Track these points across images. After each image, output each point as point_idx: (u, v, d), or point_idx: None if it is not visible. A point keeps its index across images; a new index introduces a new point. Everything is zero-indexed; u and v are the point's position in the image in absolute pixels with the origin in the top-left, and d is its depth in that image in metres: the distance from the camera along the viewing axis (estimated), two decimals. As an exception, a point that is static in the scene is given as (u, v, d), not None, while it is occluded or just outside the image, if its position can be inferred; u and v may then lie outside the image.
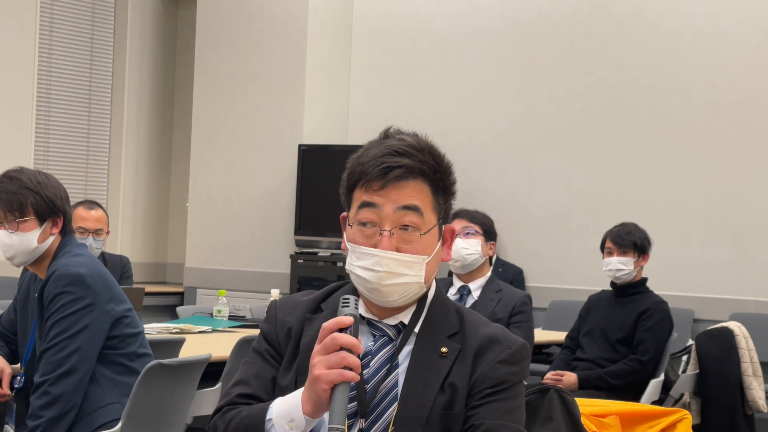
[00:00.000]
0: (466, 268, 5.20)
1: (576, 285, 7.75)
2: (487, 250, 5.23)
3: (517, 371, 2.08)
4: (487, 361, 2.07)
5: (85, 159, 9.24)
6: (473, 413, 2.04)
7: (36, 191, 3.51)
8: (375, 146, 2.13)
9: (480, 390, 2.05)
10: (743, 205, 7.37)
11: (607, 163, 7.86)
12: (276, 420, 1.99)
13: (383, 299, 2.10)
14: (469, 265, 5.18)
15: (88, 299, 3.44)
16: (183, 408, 3.89)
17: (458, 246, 5.14)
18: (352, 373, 1.91)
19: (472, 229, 5.18)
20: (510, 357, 2.08)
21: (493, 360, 2.07)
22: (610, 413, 2.89)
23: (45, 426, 3.34)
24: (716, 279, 7.42)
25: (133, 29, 9.41)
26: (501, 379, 2.06)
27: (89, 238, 5.88)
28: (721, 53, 7.49)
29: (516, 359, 2.09)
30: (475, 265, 5.19)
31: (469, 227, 5.17)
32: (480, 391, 2.05)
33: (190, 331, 5.42)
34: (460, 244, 5.14)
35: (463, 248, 5.13)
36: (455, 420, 2.04)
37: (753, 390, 5.83)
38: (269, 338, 2.17)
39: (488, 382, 2.05)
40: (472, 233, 5.17)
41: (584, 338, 5.91)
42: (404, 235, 2.09)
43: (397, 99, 8.69)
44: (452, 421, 2.04)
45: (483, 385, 2.05)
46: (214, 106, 9.03)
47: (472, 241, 5.16)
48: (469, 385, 2.06)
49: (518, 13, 8.26)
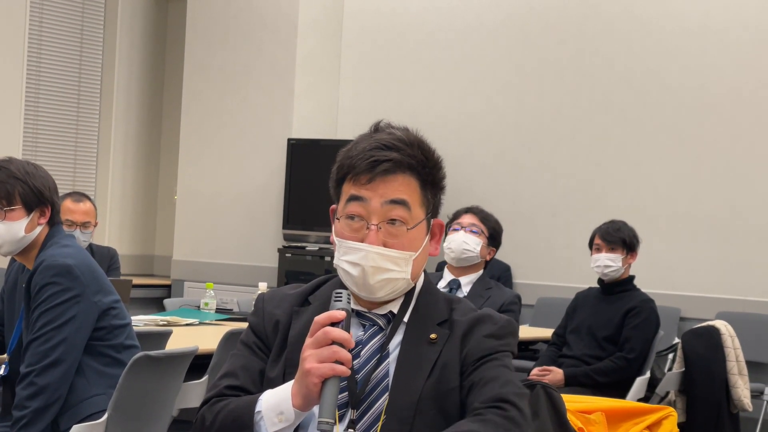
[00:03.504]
0: (460, 262, 5.19)
1: (563, 282, 7.77)
2: (485, 252, 5.22)
3: (504, 343, 2.11)
4: (474, 337, 2.09)
5: (73, 150, 9.22)
6: (470, 378, 2.05)
7: (24, 181, 3.50)
8: (364, 140, 2.13)
9: (471, 362, 2.07)
10: (731, 204, 7.38)
11: (596, 161, 7.87)
12: (265, 412, 1.99)
13: (370, 295, 2.11)
14: (463, 261, 5.18)
15: (75, 290, 3.43)
16: (169, 400, 3.89)
17: (459, 239, 5.13)
18: (343, 368, 1.91)
19: (478, 228, 5.17)
20: (497, 331, 2.11)
21: (480, 335, 2.09)
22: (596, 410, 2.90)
23: (30, 417, 3.33)
24: (703, 278, 7.44)
25: (123, 22, 9.39)
26: (490, 350, 2.08)
27: (76, 230, 5.87)
28: (711, 52, 7.50)
29: (502, 333, 2.11)
30: (469, 262, 5.20)
31: (476, 225, 5.16)
32: (472, 363, 2.07)
33: (177, 324, 5.42)
34: (462, 237, 5.14)
35: (464, 242, 5.12)
36: (450, 395, 2.05)
37: (738, 389, 5.85)
38: (257, 331, 2.18)
39: (478, 353, 2.07)
40: (477, 232, 5.16)
41: (571, 335, 5.93)
42: (391, 230, 2.09)
43: (386, 94, 8.69)
44: (447, 397, 2.05)
45: (473, 357, 2.07)
46: (204, 99, 9.02)
47: (474, 239, 5.15)
48: (460, 361, 2.07)
49: (508, 10, 8.26)
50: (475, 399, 2.02)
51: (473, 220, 5.17)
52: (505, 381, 2.03)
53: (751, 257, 7.30)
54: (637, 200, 7.63)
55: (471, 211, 5.23)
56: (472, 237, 5.14)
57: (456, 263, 5.22)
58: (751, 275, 7.29)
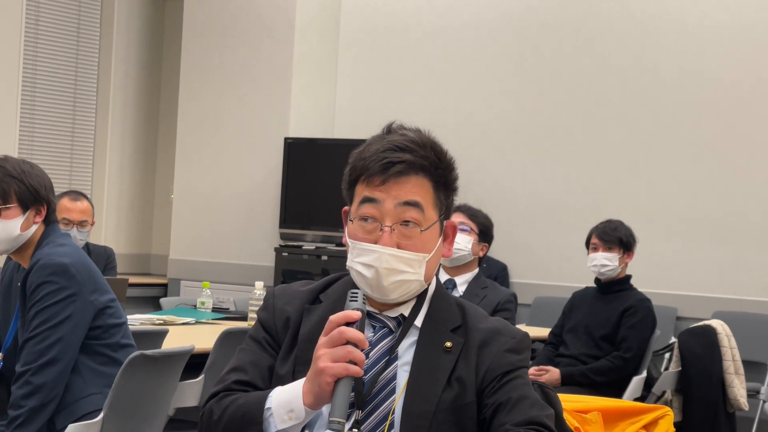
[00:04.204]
0: (453, 263, 5.20)
1: (560, 281, 7.76)
2: (478, 249, 5.22)
3: (524, 358, 2.13)
4: (494, 351, 2.10)
5: (70, 149, 9.21)
6: (495, 397, 2.05)
7: (20, 179, 3.50)
8: (377, 141, 2.13)
9: (494, 377, 2.07)
10: (728, 203, 7.39)
11: (593, 160, 7.87)
12: (275, 409, 1.98)
13: (383, 297, 2.10)
14: (456, 261, 5.18)
15: (71, 289, 3.43)
16: (165, 399, 3.89)
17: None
18: (356, 368, 1.91)
19: (467, 226, 5.17)
20: (516, 346, 2.12)
21: (500, 350, 2.10)
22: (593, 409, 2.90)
23: (26, 416, 3.33)
24: (699, 277, 7.44)
25: (120, 20, 9.38)
26: (512, 366, 2.09)
27: (73, 229, 5.85)
28: (709, 51, 7.51)
29: (521, 348, 2.13)
30: (461, 261, 5.19)
31: (465, 223, 5.16)
32: (495, 378, 2.07)
33: (174, 323, 5.41)
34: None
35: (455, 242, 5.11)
36: (467, 410, 2.06)
37: (734, 388, 5.85)
38: (267, 326, 2.17)
39: (501, 368, 2.08)
40: (466, 230, 5.16)
41: (567, 335, 5.93)
42: (405, 231, 2.09)
43: (383, 93, 8.68)
44: (464, 411, 2.05)
45: (496, 372, 2.07)
46: (200, 98, 9.01)
47: (465, 238, 5.15)
48: (479, 376, 2.08)
49: (506, 9, 8.26)
50: (506, 420, 2.02)
51: (461, 219, 5.17)
52: (534, 402, 2.04)
53: (747, 257, 7.30)
54: (634, 199, 7.63)
55: (458, 209, 5.22)
56: (461, 236, 5.14)
57: (450, 263, 5.22)
58: (748, 275, 7.30)
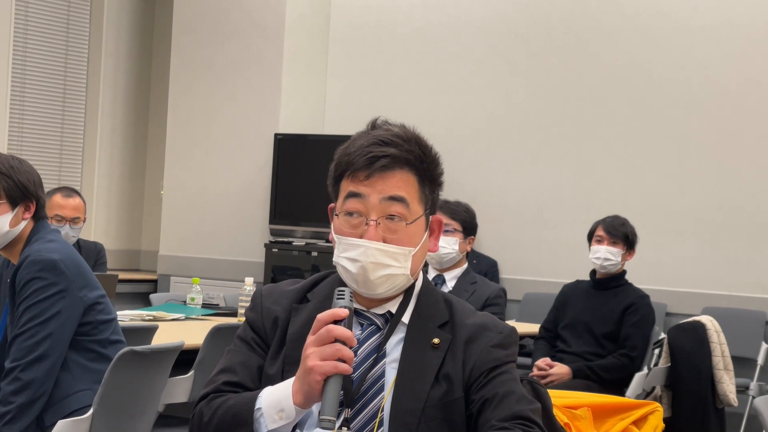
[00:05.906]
0: (442, 265, 5.21)
1: (550, 277, 7.77)
2: (465, 246, 5.22)
3: (511, 353, 2.12)
4: (480, 347, 2.09)
5: (59, 145, 9.19)
6: (482, 393, 2.05)
7: (8, 175, 3.49)
8: (362, 137, 2.13)
9: (481, 373, 2.07)
10: (717, 200, 7.40)
11: (583, 157, 7.88)
12: (265, 409, 1.98)
13: (370, 291, 2.10)
14: (446, 263, 5.20)
15: (60, 285, 3.42)
16: (155, 395, 3.88)
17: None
18: (345, 366, 1.91)
19: (451, 227, 5.16)
20: (502, 341, 2.12)
21: (487, 345, 2.10)
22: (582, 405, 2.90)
23: (15, 412, 3.32)
24: (689, 273, 7.46)
25: (110, 16, 9.36)
26: (498, 361, 2.09)
27: (66, 226, 5.82)
28: (699, 48, 7.52)
29: (507, 343, 2.12)
30: (452, 263, 5.21)
31: (448, 225, 5.14)
32: (481, 374, 2.07)
33: (163, 319, 5.41)
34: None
35: (441, 246, 5.10)
36: (455, 406, 2.06)
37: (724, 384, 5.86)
38: (255, 327, 2.16)
39: (487, 364, 2.07)
40: (450, 231, 5.15)
41: (565, 331, 5.91)
42: (390, 225, 2.09)
43: (373, 89, 8.68)
44: (452, 408, 2.05)
45: (483, 368, 2.07)
46: (191, 94, 9.00)
47: (450, 240, 5.14)
48: (466, 372, 2.07)
49: (497, 6, 8.26)
50: (492, 415, 2.02)
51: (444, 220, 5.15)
52: (520, 396, 2.04)
53: (736, 253, 7.32)
54: (624, 196, 7.64)
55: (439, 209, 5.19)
56: (446, 238, 5.12)
57: (440, 266, 5.23)
58: (737, 270, 7.31)
